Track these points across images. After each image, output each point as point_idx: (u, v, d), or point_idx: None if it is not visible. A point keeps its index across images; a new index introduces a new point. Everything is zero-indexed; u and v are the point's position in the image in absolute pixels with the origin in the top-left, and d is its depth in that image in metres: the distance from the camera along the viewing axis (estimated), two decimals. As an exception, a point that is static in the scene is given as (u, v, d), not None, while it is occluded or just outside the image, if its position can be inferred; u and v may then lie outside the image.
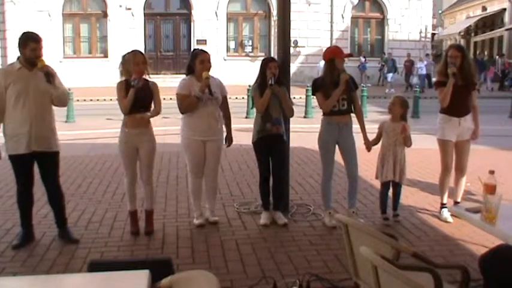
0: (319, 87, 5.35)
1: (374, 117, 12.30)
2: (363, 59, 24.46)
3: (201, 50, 5.33)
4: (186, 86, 5.20)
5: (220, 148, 5.41)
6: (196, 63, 5.15)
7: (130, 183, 5.18)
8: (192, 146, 5.27)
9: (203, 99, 5.09)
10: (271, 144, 5.39)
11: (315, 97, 5.45)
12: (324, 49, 5.60)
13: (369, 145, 5.51)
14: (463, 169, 5.65)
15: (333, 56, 5.31)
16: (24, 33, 4.73)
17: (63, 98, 4.86)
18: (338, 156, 5.56)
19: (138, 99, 4.88)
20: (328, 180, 5.52)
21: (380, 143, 5.55)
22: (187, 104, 5.13)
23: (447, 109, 5.46)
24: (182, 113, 5.25)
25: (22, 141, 4.67)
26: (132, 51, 5.09)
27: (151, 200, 5.29)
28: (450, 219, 5.51)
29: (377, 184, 6.52)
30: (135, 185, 5.21)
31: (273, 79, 5.22)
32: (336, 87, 5.22)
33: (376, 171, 5.62)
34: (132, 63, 4.92)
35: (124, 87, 4.94)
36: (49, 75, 4.60)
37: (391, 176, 5.45)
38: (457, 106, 5.42)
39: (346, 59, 5.48)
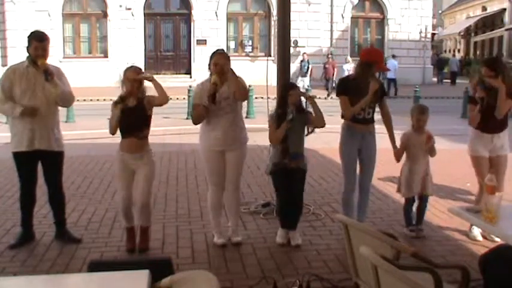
0: (348, 90, 4.89)
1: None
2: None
3: (218, 52, 4.78)
4: (199, 93, 4.77)
5: (241, 159, 4.94)
6: (211, 66, 4.69)
7: (125, 204, 4.74)
8: (210, 157, 4.85)
9: (212, 108, 4.63)
10: (290, 176, 4.94)
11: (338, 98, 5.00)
12: (324, 49, 5.49)
13: (398, 156, 5.16)
14: (499, 187, 5.01)
15: (374, 60, 4.87)
16: (31, 32, 4.78)
17: (64, 98, 4.81)
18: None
19: (129, 123, 4.56)
20: (351, 192, 5.09)
21: (405, 156, 5.20)
22: (196, 113, 4.75)
23: (479, 125, 5.07)
24: (194, 123, 4.85)
25: (25, 138, 4.70)
26: (132, 66, 4.74)
27: (148, 218, 4.85)
28: (480, 237, 5.06)
29: (377, 184, 6.53)
30: (131, 208, 4.78)
31: (294, 112, 4.80)
32: (364, 92, 4.80)
33: (399, 185, 5.31)
34: (126, 79, 4.59)
35: (118, 105, 4.56)
36: (48, 73, 4.60)
37: (424, 189, 5.15)
38: (489, 123, 5.01)
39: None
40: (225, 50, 5.16)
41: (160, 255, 4.61)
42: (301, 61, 20.91)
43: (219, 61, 4.65)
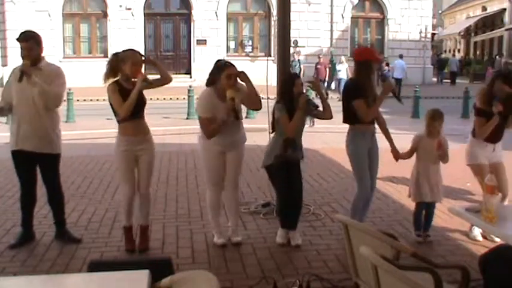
0: (360, 93, 4.73)
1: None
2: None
3: (227, 63, 4.73)
4: (209, 107, 4.68)
5: (241, 158, 4.96)
6: (221, 77, 4.61)
7: (130, 198, 4.75)
8: (210, 154, 4.82)
9: (229, 122, 4.64)
10: (289, 168, 4.95)
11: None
12: (324, 49, 5.44)
13: (397, 155, 5.04)
14: (504, 195, 4.96)
15: (370, 58, 4.84)
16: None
17: (45, 97, 4.65)
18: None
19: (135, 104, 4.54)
20: (364, 199, 4.95)
21: (415, 159, 5.07)
22: (212, 129, 4.65)
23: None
24: (208, 138, 4.72)
25: (13, 138, 4.77)
26: (130, 49, 4.74)
27: (148, 214, 4.90)
28: (480, 237, 5.05)
29: (377, 184, 6.50)
30: (134, 199, 4.79)
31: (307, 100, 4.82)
32: (369, 93, 4.77)
33: (410, 190, 5.18)
34: (131, 62, 4.58)
35: (118, 89, 4.56)
36: (22, 74, 4.56)
37: (433, 196, 5.03)
38: (494, 133, 5.00)
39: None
40: (225, 50, 5.21)
41: (160, 255, 4.61)
42: (292, 61, 19.61)
43: (234, 71, 4.63)
